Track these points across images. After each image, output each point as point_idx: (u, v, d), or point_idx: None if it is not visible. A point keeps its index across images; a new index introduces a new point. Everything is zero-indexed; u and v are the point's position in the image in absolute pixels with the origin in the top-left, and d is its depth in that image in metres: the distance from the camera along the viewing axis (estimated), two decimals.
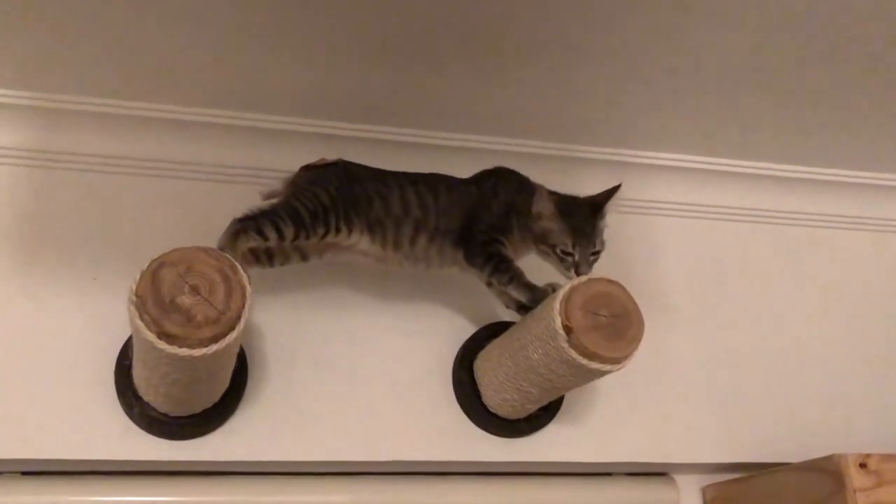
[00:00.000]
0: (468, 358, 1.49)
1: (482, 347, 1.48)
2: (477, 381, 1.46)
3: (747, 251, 1.79)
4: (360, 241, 1.35)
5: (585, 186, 1.49)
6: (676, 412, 1.58)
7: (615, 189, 1.33)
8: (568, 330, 1.19)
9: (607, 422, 1.54)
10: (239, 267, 1.11)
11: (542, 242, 1.32)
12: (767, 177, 1.79)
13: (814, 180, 1.80)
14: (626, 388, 1.54)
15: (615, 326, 1.20)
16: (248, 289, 1.11)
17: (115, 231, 1.46)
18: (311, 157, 1.41)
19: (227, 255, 1.12)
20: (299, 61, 1.40)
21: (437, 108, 1.55)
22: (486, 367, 1.43)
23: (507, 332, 1.41)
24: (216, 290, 1.07)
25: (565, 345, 1.19)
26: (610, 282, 1.24)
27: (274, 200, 1.33)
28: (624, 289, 1.24)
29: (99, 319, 1.36)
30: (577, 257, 1.28)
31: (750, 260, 1.78)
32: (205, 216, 1.36)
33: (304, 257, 1.39)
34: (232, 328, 1.07)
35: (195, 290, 1.06)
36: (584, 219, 1.30)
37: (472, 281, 1.41)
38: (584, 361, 1.19)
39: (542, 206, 1.30)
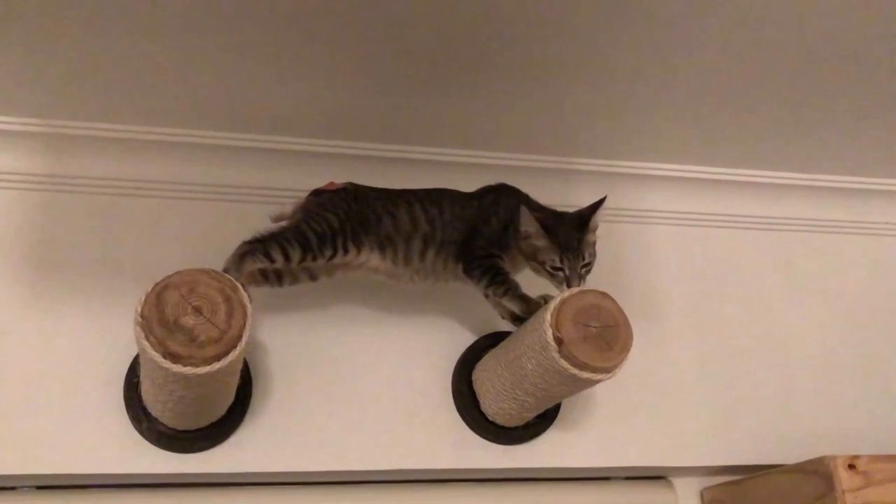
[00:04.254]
0: (467, 368, 1.52)
1: (480, 357, 1.50)
2: (475, 390, 1.49)
3: (741, 257, 1.80)
4: (371, 259, 1.39)
5: (581, 197, 1.51)
6: (673, 416, 1.61)
7: (601, 202, 1.35)
8: (559, 341, 1.22)
9: (605, 427, 1.57)
10: (240, 287, 1.15)
11: (533, 259, 1.34)
12: (760, 184, 1.82)
13: (806, 186, 1.83)
14: (622, 393, 1.57)
15: (605, 337, 1.23)
16: (249, 308, 1.15)
17: (123, 252, 1.49)
18: (318, 176, 1.45)
19: (229, 277, 1.16)
20: (307, 83, 1.44)
21: (440, 125, 1.59)
22: (484, 377, 1.46)
23: (503, 343, 1.43)
24: (218, 310, 1.11)
25: (556, 355, 1.22)
26: (599, 293, 1.27)
27: (283, 223, 1.37)
28: (613, 300, 1.27)
29: (108, 338, 1.40)
30: (567, 272, 1.30)
31: (743, 266, 1.80)
32: (211, 236, 1.41)
33: (313, 277, 1.43)
34: (234, 346, 1.11)
35: (198, 310, 1.11)
36: (570, 234, 1.32)
37: (469, 292, 1.44)
38: (575, 371, 1.22)
39: (528, 225, 1.32)
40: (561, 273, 1.31)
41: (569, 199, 1.54)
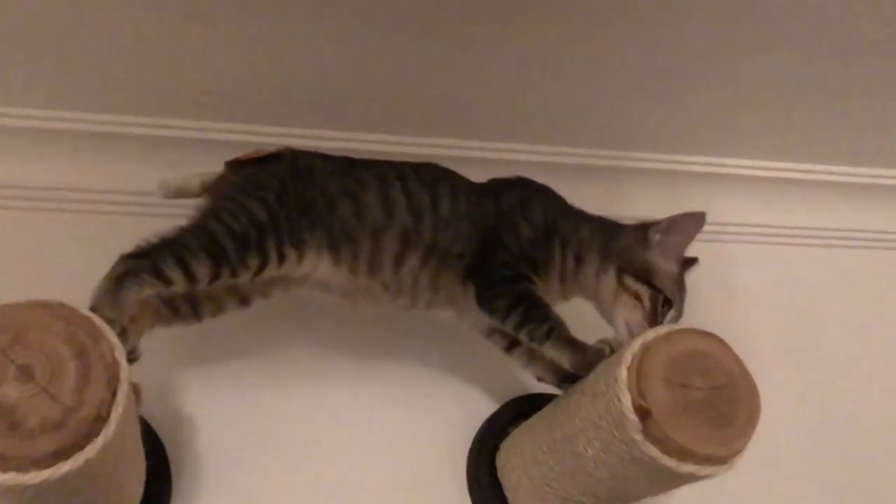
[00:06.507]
0: (488, 448, 1.19)
1: (507, 433, 1.18)
2: (502, 481, 1.15)
3: (848, 282, 1.53)
4: (319, 267, 1.02)
5: (636, 201, 1.42)
6: (773, 489, 1.30)
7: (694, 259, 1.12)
8: (643, 413, 0.82)
9: None
10: (106, 331, 0.73)
11: (641, 279, 1.03)
12: (867, 185, 1.55)
13: None
14: None
15: (716, 404, 0.82)
16: (124, 365, 0.72)
17: None
18: None
19: (90, 315, 0.73)
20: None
21: (469, 114, 1.33)
22: (515, 464, 1.11)
23: (542, 413, 1.09)
24: (63, 372, 0.69)
25: (639, 436, 0.82)
26: (703, 334, 0.87)
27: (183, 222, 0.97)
28: (725, 344, 0.86)
29: None
30: (677, 312, 1.04)
31: (851, 293, 1.53)
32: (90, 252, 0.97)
33: (244, 300, 1.05)
34: (89, 436, 0.69)
35: (26, 373, 0.68)
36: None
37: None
38: (671, 463, 0.81)
39: (686, 239, 1.07)
40: (668, 309, 1.03)
41: (624, 203, 1.37)
